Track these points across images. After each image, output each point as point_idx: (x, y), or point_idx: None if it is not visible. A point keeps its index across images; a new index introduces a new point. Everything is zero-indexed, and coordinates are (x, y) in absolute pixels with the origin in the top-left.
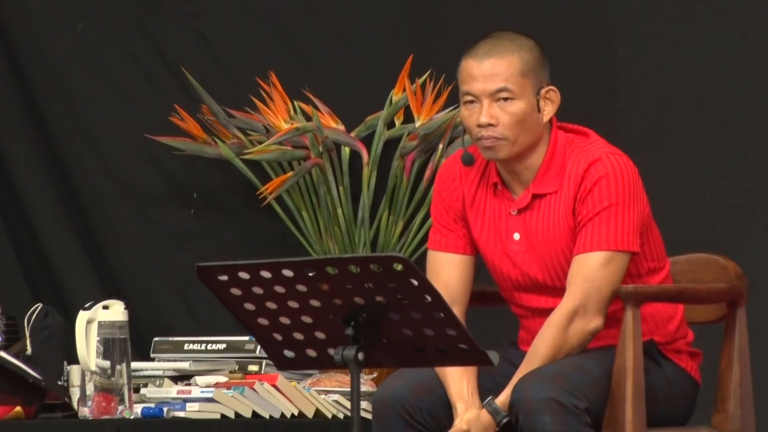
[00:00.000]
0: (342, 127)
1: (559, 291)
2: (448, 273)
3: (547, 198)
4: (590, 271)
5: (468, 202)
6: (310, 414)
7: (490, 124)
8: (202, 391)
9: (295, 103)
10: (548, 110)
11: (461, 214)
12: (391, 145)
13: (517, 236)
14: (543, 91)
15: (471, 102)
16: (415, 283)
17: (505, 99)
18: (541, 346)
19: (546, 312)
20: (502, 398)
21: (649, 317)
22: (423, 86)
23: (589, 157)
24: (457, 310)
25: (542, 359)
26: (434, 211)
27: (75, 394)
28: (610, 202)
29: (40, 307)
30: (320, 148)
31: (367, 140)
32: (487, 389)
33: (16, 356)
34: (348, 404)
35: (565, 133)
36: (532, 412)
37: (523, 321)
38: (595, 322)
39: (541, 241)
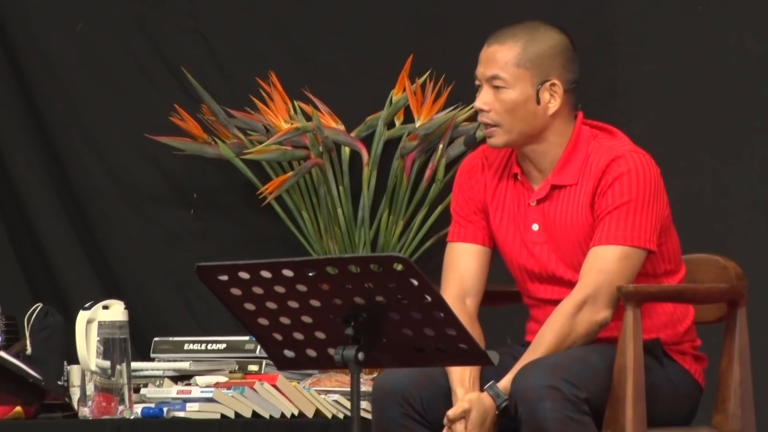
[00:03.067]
0: (342, 127)
1: (572, 284)
2: (464, 263)
3: (566, 189)
4: (605, 264)
5: (489, 193)
6: (310, 414)
7: (482, 109)
8: (202, 391)
9: (295, 103)
10: (553, 104)
11: (482, 206)
12: (391, 145)
13: (535, 227)
14: (548, 84)
15: (479, 85)
16: (415, 283)
17: (498, 87)
18: (547, 333)
19: (556, 303)
20: (504, 382)
21: (657, 316)
22: (423, 86)
23: (612, 153)
24: (471, 302)
25: (547, 346)
26: (454, 204)
27: (75, 394)
28: (630, 198)
29: (40, 307)
30: (320, 148)
31: (367, 140)
32: (488, 381)
33: (16, 356)
34: (348, 404)
35: (591, 129)
36: (532, 400)
37: (533, 311)
38: (604, 313)
39: (559, 233)
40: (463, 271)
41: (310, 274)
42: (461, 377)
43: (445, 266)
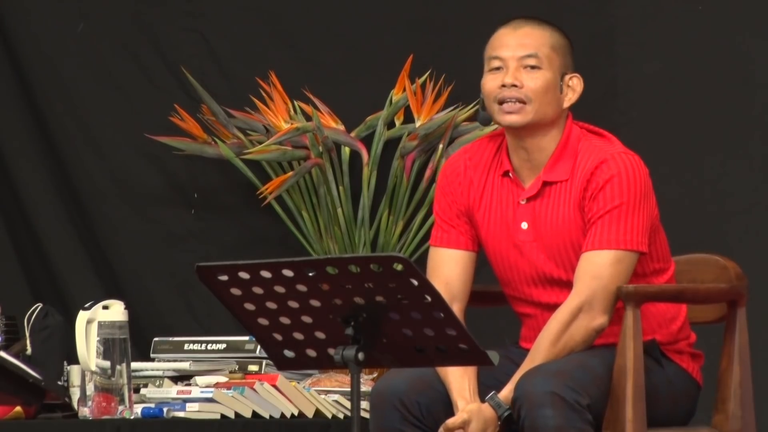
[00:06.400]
0: (342, 127)
1: (566, 284)
2: (449, 269)
3: (556, 186)
4: (598, 269)
5: (475, 193)
6: (310, 414)
7: (514, 85)
8: (202, 391)
9: (295, 103)
10: (570, 97)
11: (465, 210)
12: (391, 145)
13: (524, 225)
14: (568, 77)
15: (497, 68)
16: (415, 283)
17: (533, 66)
18: (544, 342)
19: (549, 306)
20: (505, 393)
21: (651, 317)
22: (423, 86)
23: (602, 154)
24: (457, 307)
25: (545, 355)
26: (437, 207)
27: (75, 394)
28: (621, 201)
29: (40, 307)
30: (320, 148)
31: (367, 140)
32: (488, 387)
33: (16, 356)
34: (348, 404)
35: (580, 128)
36: (534, 406)
37: (527, 320)
38: (600, 319)
39: (549, 231)
40: (448, 276)
41: (310, 274)
42: (461, 389)
43: (429, 271)
